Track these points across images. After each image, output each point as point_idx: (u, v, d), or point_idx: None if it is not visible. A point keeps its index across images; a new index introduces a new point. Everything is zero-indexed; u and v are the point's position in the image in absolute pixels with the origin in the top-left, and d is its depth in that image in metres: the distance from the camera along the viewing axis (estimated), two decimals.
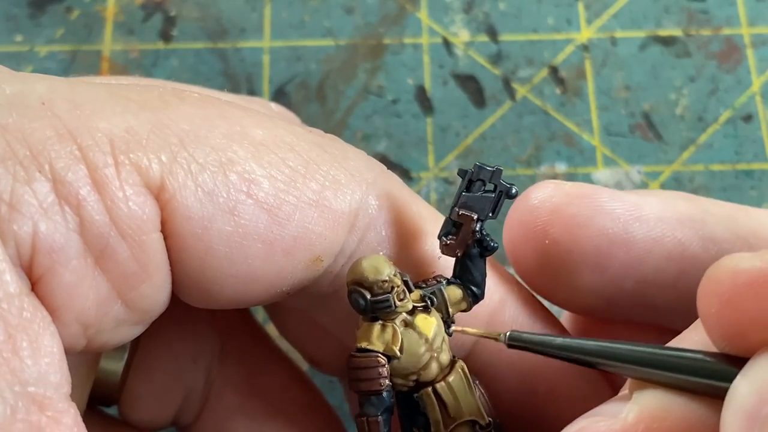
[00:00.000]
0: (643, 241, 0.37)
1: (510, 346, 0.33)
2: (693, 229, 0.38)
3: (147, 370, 0.43)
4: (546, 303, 0.41)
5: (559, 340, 0.33)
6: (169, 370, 0.43)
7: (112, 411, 0.44)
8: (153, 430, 0.44)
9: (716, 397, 0.28)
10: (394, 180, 0.39)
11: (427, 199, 0.59)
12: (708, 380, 0.29)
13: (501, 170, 0.36)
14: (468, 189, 0.36)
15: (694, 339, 0.31)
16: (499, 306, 0.39)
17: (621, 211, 0.38)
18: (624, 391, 0.32)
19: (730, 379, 0.27)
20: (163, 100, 0.34)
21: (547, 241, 0.38)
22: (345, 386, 0.48)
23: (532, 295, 0.41)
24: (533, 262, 0.39)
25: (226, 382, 0.44)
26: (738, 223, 0.38)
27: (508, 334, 0.33)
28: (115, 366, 0.41)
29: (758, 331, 0.27)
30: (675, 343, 0.32)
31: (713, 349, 0.29)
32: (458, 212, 0.36)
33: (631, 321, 0.41)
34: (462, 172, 0.36)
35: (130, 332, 0.34)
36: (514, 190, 0.36)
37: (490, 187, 0.36)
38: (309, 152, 0.35)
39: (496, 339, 0.34)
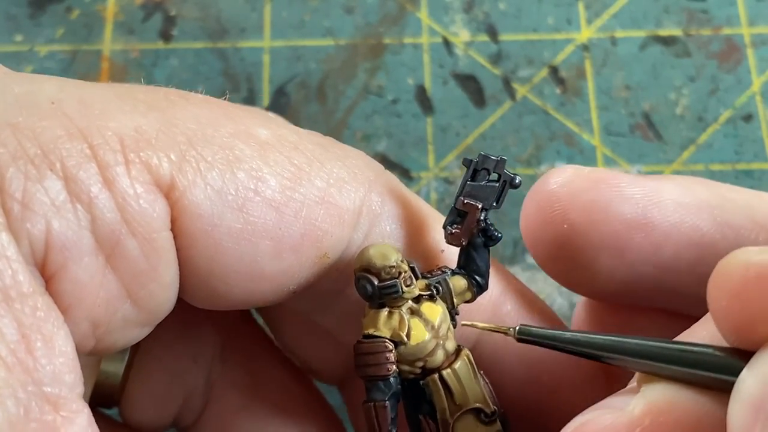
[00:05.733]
0: (661, 226, 0.37)
1: (520, 340, 0.33)
2: (711, 214, 0.37)
3: (147, 371, 0.42)
4: (555, 293, 0.41)
5: (568, 334, 0.33)
6: (169, 371, 0.43)
7: (113, 413, 0.44)
8: (154, 431, 0.44)
9: (724, 391, 0.28)
10: (393, 179, 0.39)
11: (427, 199, 0.59)
12: (716, 374, 0.29)
13: (505, 160, 0.36)
14: (473, 178, 0.36)
15: (702, 333, 0.31)
16: (501, 298, 0.40)
17: (640, 196, 0.37)
18: (632, 384, 0.32)
19: (738, 372, 0.28)
20: (169, 100, 0.34)
21: (565, 226, 0.38)
22: (344, 395, 0.48)
23: (529, 289, 0.41)
24: (551, 247, 0.38)
25: (227, 383, 0.44)
26: (756, 209, 0.38)
27: (517, 328, 0.33)
28: (115, 367, 0.41)
29: (766, 324, 0.27)
30: (684, 337, 0.32)
31: (722, 343, 0.30)
32: (463, 201, 0.36)
33: (649, 307, 0.40)
34: (467, 162, 0.36)
35: (137, 333, 0.34)
36: (517, 180, 0.36)
37: (494, 176, 0.36)
38: (312, 151, 0.36)
39: (506, 333, 0.34)
